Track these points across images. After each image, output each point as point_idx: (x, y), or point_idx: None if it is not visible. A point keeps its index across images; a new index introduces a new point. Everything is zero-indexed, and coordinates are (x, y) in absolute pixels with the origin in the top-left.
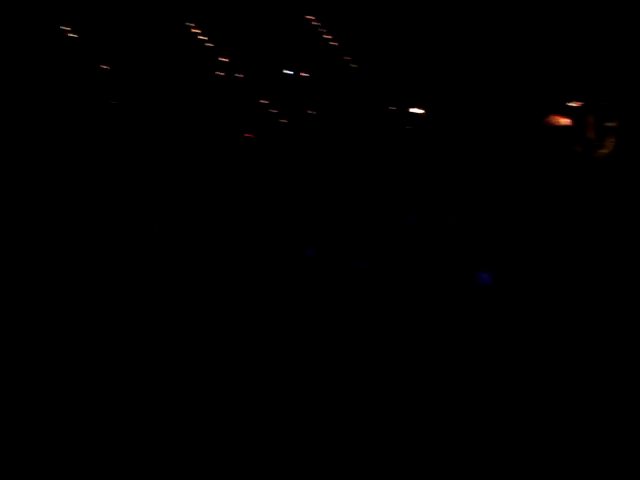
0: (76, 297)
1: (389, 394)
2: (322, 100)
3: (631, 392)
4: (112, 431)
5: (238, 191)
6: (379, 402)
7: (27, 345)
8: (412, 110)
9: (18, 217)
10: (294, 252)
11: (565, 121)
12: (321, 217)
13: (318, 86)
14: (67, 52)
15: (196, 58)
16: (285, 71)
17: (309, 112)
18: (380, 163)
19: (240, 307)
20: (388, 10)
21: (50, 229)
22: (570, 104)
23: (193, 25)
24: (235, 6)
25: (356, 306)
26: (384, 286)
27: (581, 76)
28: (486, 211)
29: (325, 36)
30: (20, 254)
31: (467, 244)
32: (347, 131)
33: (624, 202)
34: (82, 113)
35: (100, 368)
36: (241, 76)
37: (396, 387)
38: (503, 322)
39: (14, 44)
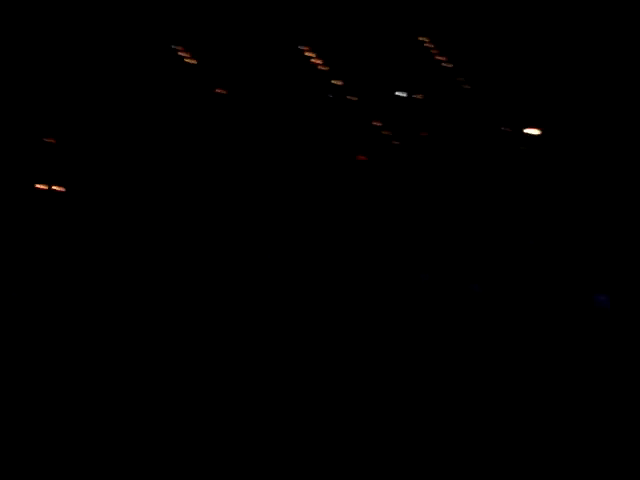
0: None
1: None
2: (435, 122)
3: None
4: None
5: (351, 213)
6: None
7: None
8: (527, 131)
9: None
10: (409, 276)
11: None
12: (437, 239)
13: (431, 108)
14: (184, 76)
15: (309, 81)
16: (398, 93)
17: (422, 134)
18: (494, 184)
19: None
20: (501, 30)
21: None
22: None
23: (307, 49)
24: (348, 29)
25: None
26: (500, 308)
27: None
28: (604, 232)
29: (438, 57)
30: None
31: (584, 266)
32: (460, 152)
33: None
34: (199, 136)
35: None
36: (354, 99)
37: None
38: (621, 345)
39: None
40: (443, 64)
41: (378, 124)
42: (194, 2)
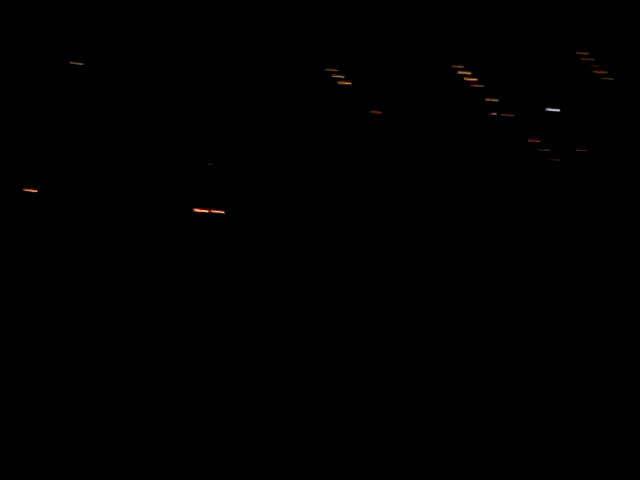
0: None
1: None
2: (592, 137)
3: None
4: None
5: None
6: None
7: None
8: None
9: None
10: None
11: None
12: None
13: (588, 123)
14: (339, 98)
15: (464, 99)
16: (549, 109)
17: (579, 150)
18: None
19: None
20: None
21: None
22: None
23: (462, 67)
24: (501, 46)
25: None
26: None
27: None
28: None
29: (597, 71)
30: None
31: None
32: (623, 169)
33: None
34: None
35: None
36: (510, 115)
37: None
38: None
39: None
40: (603, 78)
41: (535, 141)
42: (345, 25)
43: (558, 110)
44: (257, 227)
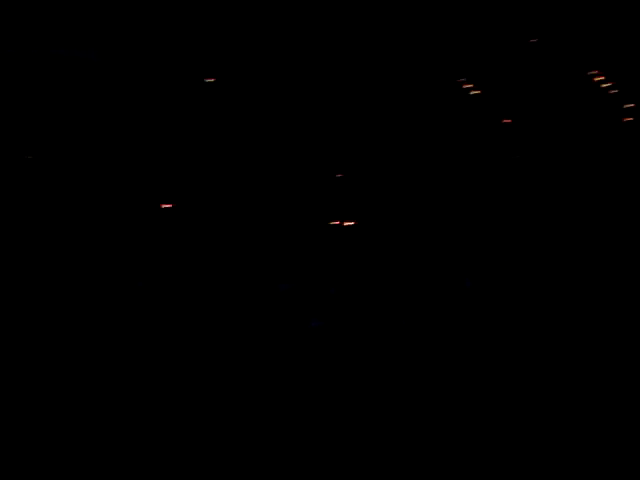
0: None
1: None
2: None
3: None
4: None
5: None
6: None
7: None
8: None
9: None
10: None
11: None
12: None
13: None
14: (469, 107)
15: (600, 106)
16: None
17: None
18: None
19: None
20: None
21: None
22: None
23: (596, 72)
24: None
25: None
26: None
27: None
28: None
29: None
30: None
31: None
32: None
33: None
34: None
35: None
36: None
37: None
38: None
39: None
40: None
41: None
42: (473, 36)
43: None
44: (386, 236)
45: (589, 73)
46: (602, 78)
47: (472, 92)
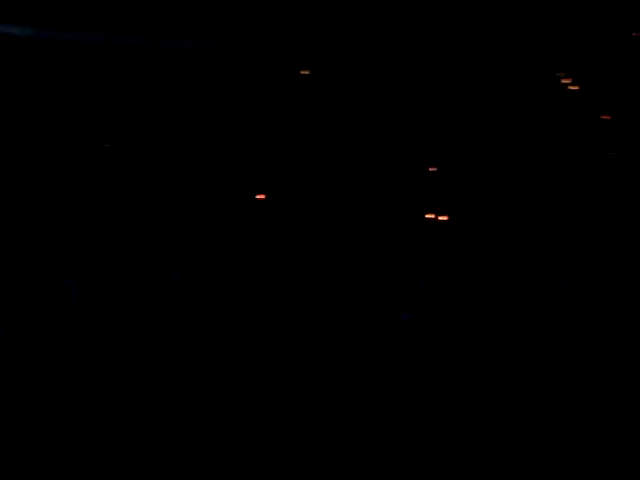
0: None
1: None
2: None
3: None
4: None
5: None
6: None
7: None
8: None
9: None
10: None
11: None
12: None
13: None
14: (567, 103)
15: None
16: None
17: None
18: None
19: None
20: None
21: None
22: None
23: None
24: None
25: None
26: None
27: None
28: None
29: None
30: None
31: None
32: None
33: None
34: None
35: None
36: None
37: None
38: None
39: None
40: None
41: None
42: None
43: None
44: (479, 231)
45: None
46: None
47: (570, 87)
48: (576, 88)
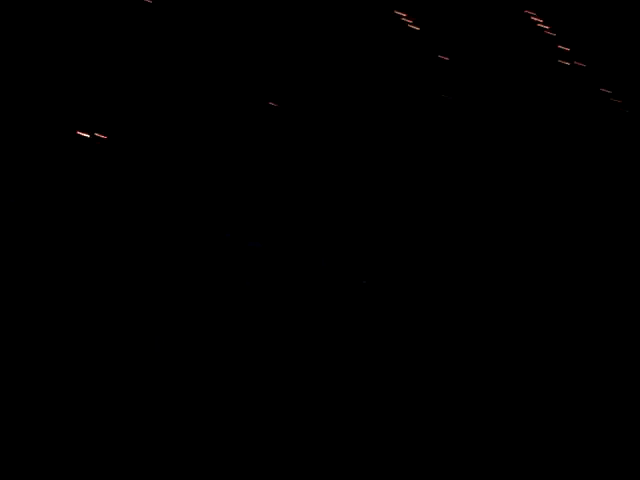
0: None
1: None
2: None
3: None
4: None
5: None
6: None
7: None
8: None
9: None
10: None
11: None
12: None
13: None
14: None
15: (536, 47)
16: None
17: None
18: None
19: None
20: None
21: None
22: None
23: (534, 14)
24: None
25: None
26: None
27: None
28: None
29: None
30: None
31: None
32: None
33: None
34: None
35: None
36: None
37: None
38: None
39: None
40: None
41: (606, 91)
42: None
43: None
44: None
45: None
46: (539, 20)
47: (410, 26)
48: (417, 28)
